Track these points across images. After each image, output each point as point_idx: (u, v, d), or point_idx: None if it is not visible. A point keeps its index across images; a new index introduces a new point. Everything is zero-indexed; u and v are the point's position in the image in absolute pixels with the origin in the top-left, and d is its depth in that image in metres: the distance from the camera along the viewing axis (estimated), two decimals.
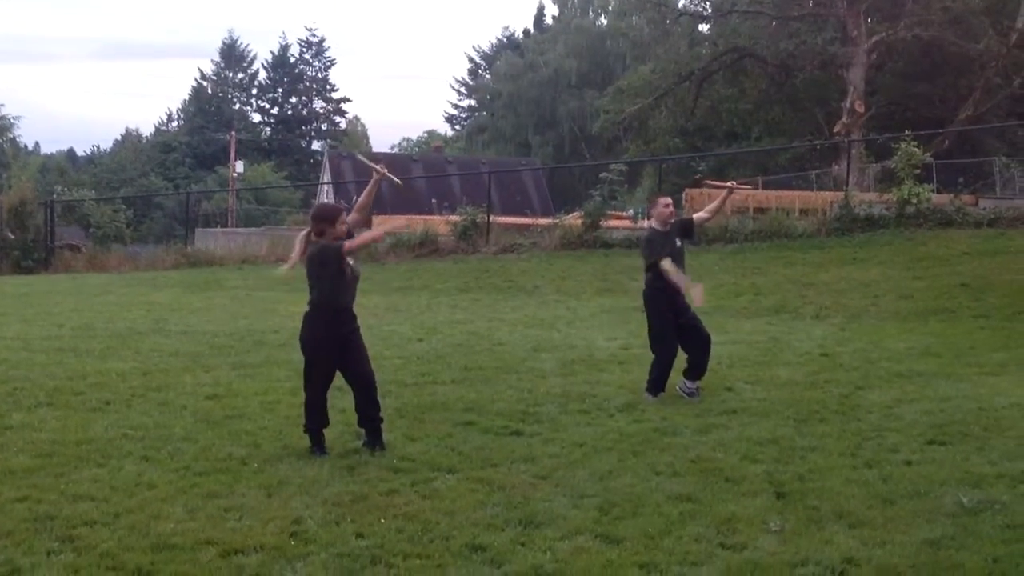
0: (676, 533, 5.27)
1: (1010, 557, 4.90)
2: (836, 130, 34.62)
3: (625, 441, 7.24)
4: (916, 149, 20.11)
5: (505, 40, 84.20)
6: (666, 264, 8.54)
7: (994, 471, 6.36)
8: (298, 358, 7.12)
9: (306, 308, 6.98)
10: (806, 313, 14.34)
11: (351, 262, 6.91)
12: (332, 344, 6.90)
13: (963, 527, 5.32)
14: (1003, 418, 7.83)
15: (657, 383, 8.76)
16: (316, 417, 6.95)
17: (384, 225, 5.99)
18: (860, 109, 33.94)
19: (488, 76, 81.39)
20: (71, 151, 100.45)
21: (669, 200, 9.04)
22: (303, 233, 7.10)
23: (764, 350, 11.22)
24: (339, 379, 7.08)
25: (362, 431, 7.08)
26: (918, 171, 20.21)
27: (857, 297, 14.97)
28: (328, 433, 7.01)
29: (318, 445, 6.89)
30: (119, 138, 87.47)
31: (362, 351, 7.04)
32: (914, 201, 19.33)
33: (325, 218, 6.97)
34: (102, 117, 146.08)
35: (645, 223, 26.54)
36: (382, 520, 5.46)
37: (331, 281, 6.83)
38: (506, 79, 72.73)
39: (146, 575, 4.72)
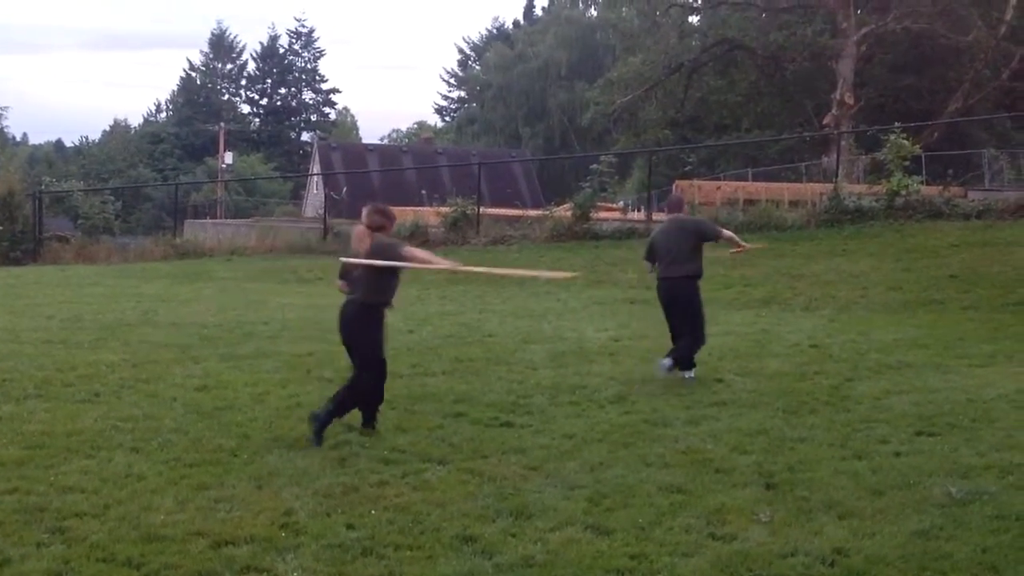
0: (666, 524, 5.28)
1: (999, 547, 4.92)
2: (826, 122, 34.62)
3: (615, 432, 7.25)
4: (905, 141, 20.14)
5: (495, 31, 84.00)
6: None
7: (983, 462, 6.40)
8: (287, 350, 7.11)
9: (352, 302, 7.03)
10: (796, 305, 14.37)
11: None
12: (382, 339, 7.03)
13: (952, 518, 5.34)
14: (991, 409, 7.86)
15: (691, 360, 9.23)
16: (371, 399, 7.05)
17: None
18: (850, 101, 33.94)
19: (478, 67, 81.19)
20: (59, 142, 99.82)
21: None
22: (360, 227, 7.21)
23: (754, 342, 11.24)
24: (328, 370, 7.07)
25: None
26: (907, 163, 20.26)
27: (846, 289, 15.01)
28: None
29: (320, 436, 6.87)
30: (107, 129, 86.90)
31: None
32: (903, 193, 19.38)
33: (388, 215, 7.10)
34: (90, 108, 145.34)
35: (635, 214, 26.48)
36: (373, 511, 5.46)
37: (390, 280, 6.93)
38: (496, 70, 72.49)
39: (136, 566, 4.71)
